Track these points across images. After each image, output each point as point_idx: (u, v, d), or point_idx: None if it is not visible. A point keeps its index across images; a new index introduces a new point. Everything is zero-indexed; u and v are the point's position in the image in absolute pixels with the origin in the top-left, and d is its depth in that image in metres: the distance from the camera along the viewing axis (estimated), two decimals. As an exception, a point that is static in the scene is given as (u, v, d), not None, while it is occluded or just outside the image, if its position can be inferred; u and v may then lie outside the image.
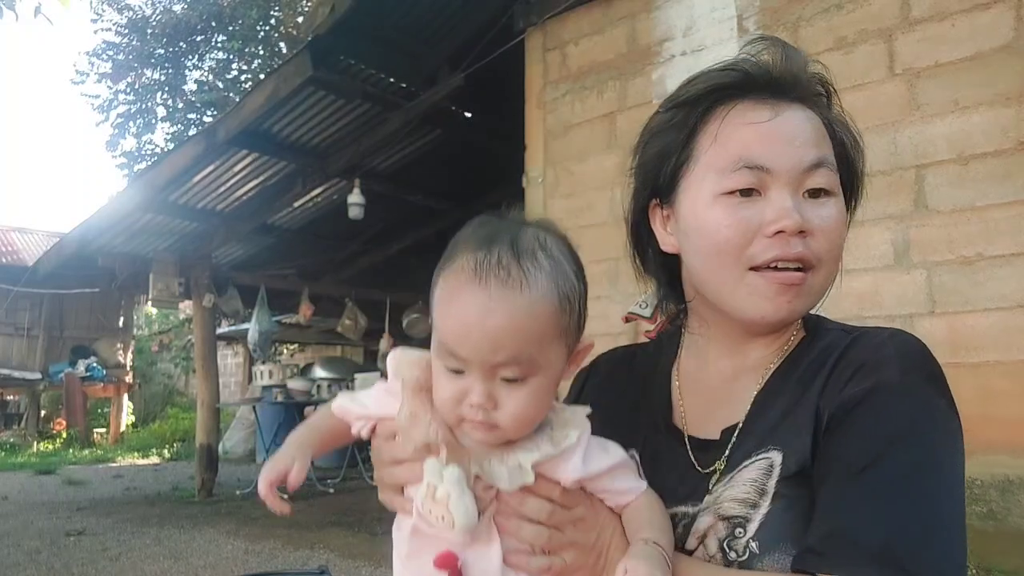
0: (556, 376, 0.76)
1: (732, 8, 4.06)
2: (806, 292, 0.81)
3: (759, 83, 0.84)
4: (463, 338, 0.70)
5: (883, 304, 3.41)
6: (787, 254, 0.78)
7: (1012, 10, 3.24)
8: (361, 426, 0.81)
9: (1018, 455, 3.08)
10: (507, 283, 0.70)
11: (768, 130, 0.81)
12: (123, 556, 5.08)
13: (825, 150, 0.82)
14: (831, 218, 0.81)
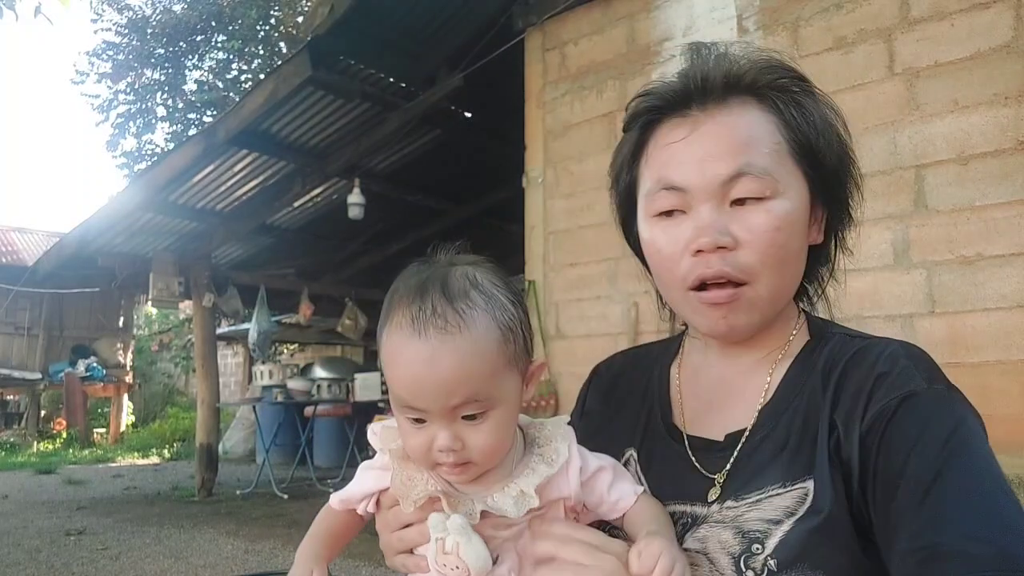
0: (515, 403, 0.77)
1: (732, 8, 4.06)
2: (745, 306, 0.80)
3: (679, 98, 0.82)
4: (417, 391, 0.72)
5: (883, 304, 3.41)
6: (707, 274, 0.78)
7: (1011, 10, 3.24)
8: (365, 504, 0.83)
9: (1018, 455, 3.08)
10: (447, 330, 0.71)
11: (682, 149, 0.80)
12: (123, 555, 5.09)
13: (750, 156, 0.78)
14: (760, 226, 0.77)
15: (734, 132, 0.79)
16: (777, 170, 0.78)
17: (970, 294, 3.24)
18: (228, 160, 6.45)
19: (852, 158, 0.86)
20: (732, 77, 0.81)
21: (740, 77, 0.81)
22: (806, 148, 0.80)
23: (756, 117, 0.80)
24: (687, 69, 0.83)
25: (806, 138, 0.80)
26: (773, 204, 0.78)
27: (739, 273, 0.78)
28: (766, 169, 0.78)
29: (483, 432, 0.73)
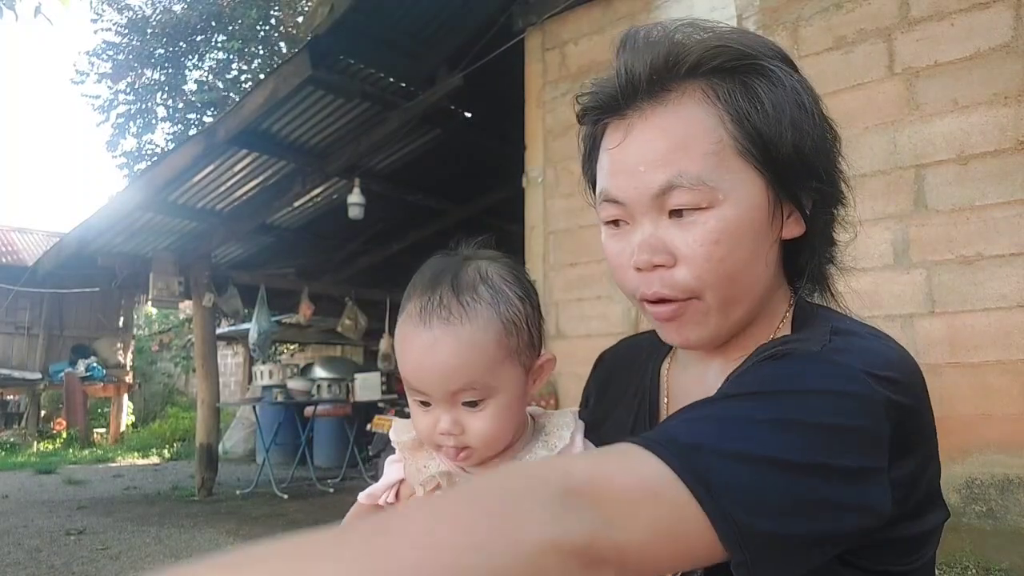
0: (516, 394, 0.79)
1: (732, 8, 4.06)
2: (695, 319, 0.74)
3: (611, 100, 0.74)
4: (421, 376, 0.77)
5: (882, 304, 3.41)
6: (646, 293, 0.74)
7: (1011, 9, 3.24)
8: (386, 496, 0.85)
9: (1017, 454, 3.08)
10: (449, 320, 0.76)
11: (616, 158, 0.74)
12: (123, 555, 5.09)
13: (682, 163, 0.69)
14: (695, 242, 0.70)
15: (666, 135, 0.71)
16: (716, 175, 0.69)
17: (970, 294, 3.24)
18: (228, 160, 6.45)
19: (829, 135, 0.76)
20: (661, 70, 0.71)
21: (673, 66, 0.71)
22: (757, 140, 0.70)
23: (694, 113, 0.71)
24: (616, 65, 0.74)
25: (756, 129, 0.70)
26: (710, 215, 0.70)
27: (677, 292, 0.72)
28: (700, 178, 0.69)
29: (482, 419, 0.77)
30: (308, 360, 12.84)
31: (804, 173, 0.73)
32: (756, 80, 0.71)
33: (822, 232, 0.78)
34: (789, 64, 0.76)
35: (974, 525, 3.11)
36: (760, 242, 0.72)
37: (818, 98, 0.77)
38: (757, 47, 0.73)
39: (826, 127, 0.76)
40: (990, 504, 3.11)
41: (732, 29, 0.75)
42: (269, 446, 8.11)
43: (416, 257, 3.59)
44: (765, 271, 0.75)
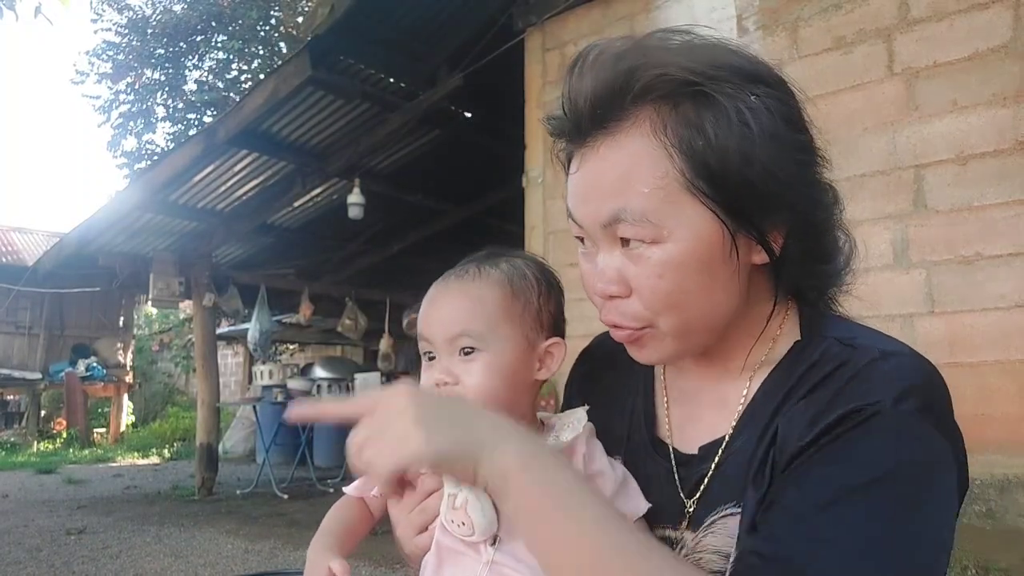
0: (514, 359, 0.81)
1: (732, 8, 4.07)
2: (652, 343, 0.75)
3: (565, 130, 0.75)
4: (426, 323, 0.83)
5: (882, 304, 3.41)
6: (604, 320, 0.76)
7: (1010, 10, 3.24)
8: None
9: (1016, 454, 3.08)
10: (462, 278, 0.84)
11: (573, 183, 0.75)
12: (123, 554, 5.09)
13: (626, 198, 0.68)
14: (641, 275, 0.70)
15: (613, 169, 0.69)
16: (660, 211, 0.68)
17: (969, 294, 3.24)
18: (228, 160, 6.45)
19: (799, 158, 0.71)
20: (604, 101, 0.69)
21: (617, 97, 0.69)
22: (703, 173, 0.67)
23: (640, 146, 0.68)
24: (562, 95, 0.74)
25: (702, 162, 0.67)
26: (655, 250, 0.69)
27: (631, 321, 0.73)
28: (643, 213, 0.68)
29: (475, 371, 0.80)
30: (308, 360, 12.84)
31: (760, 204, 0.69)
32: (702, 109, 0.67)
33: (802, 252, 0.75)
34: (752, 80, 0.69)
35: (974, 525, 3.12)
36: (713, 274, 0.70)
37: (796, 118, 0.72)
38: (708, 69, 0.68)
39: (796, 149, 0.71)
40: (989, 504, 3.12)
41: (692, 44, 0.72)
42: (269, 446, 8.12)
43: (416, 257, 3.65)
44: (726, 299, 0.73)
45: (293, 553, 5.05)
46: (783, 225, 0.72)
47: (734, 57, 0.71)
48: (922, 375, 0.68)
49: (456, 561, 0.77)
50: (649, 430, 0.85)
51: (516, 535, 0.73)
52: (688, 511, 0.77)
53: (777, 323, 0.79)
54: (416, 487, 0.80)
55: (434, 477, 0.79)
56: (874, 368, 0.68)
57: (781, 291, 0.79)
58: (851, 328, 0.77)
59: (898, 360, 0.69)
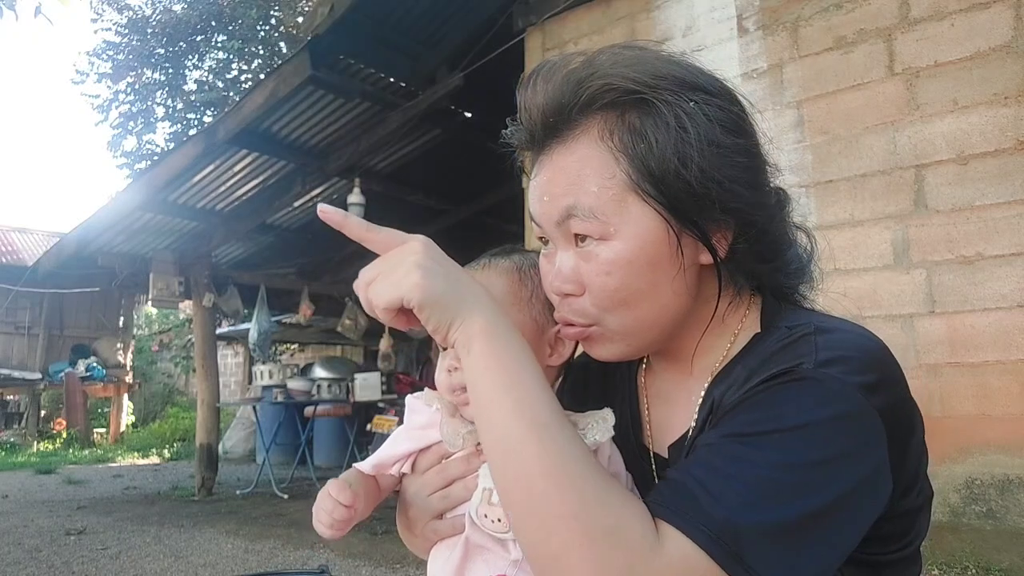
0: None
1: (732, 8, 4.06)
2: (601, 341, 0.78)
3: (524, 136, 0.81)
4: None
5: (882, 304, 3.41)
6: (558, 317, 0.80)
7: (1011, 9, 3.24)
8: (400, 466, 0.85)
9: (1017, 454, 3.08)
10: (473, 269, 0.86)
11: (532, 188, 0.80)
12: (123, 554, 5.09)
13: (576, 196, 0.73)
14: (590, 273, 0.74)
15: (565, 173, 0.74)
16: (607, 209, 0.72)
17: (970, 294, 3.24)
18: (228, 160, 6.45)
19: (742, 161, 0.74)
20: (554, 112, 0.75)
21: (565, 108, 0.74)
22: (647, 176, 0.71)
23: (590, 151, 0.73)
24: (518, 107, 0.80)
25: (644, 165, 0.71)
26: (603, 247, 0.73)
27: (581, 319, 0.77)
28: (592, 210, 0.72)
29: None
30: (308, 360, 12.84)
31: (700, 205, 0.72)
32: (644, 116, 0.72)
33: (749, 253, 0.77)
34: (692, 88, 0.73)
35: (974, 525, 3.12)
36: (659, 273, 0.73)
37: (738, 125, 0.75)
38: (648, 79, 0.72)
39: (736, 153, 0.73)
40: (990, 504, 3.11)
41: (638, 57, 0.75)
42: (269, 446, 8.11)
43: (416, 257, 3.47)
44: (674, 298, 0.75)
45: (293, 553, 5.04)
46: (727, 226, 0.75)
47: (676, 68, 0.75)
48: (858, 349, 0.70)
49: (483, 557, 0.76)
50: (636, 436, 0.87)
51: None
52: None
53: (738, 319, 0.81)
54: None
55: (460, 465, 0.80)
56: (807, 339, 0.71)
57: (733, 289, 0.81)
58: (809, 317, 0.79)
59: (835, 335, 0.71)
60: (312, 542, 5.36)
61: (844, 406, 0.65)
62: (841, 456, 0.63)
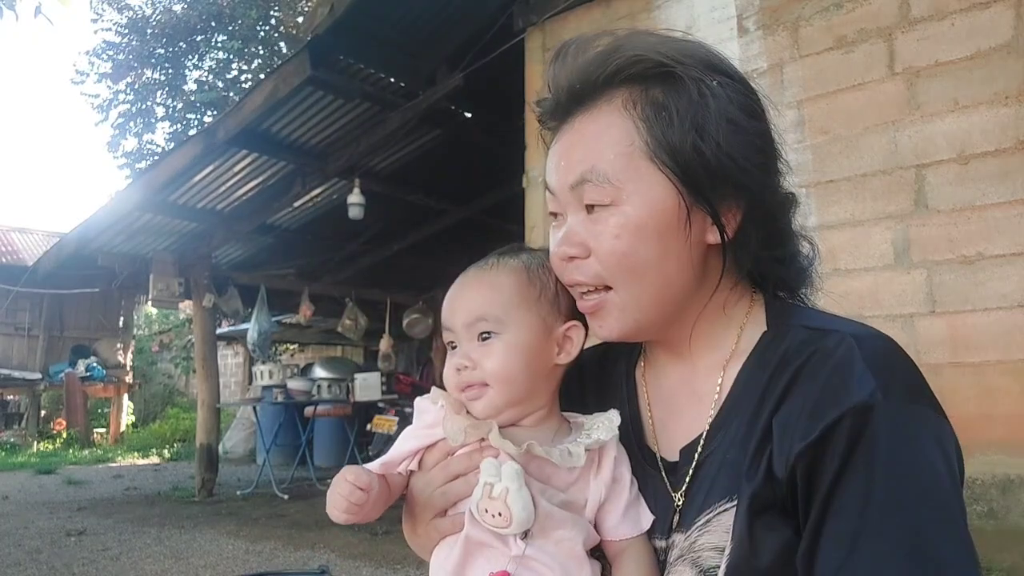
0: (530, 341, 0.82)
1: (732, 8, 4.06)
2: (612, 312, 0.79)
3: (550, 113, 0.83)
4: (447, 312, 0.85)
5: (883, 304, 3.41)
6: (567, 281, 0.81)
7: (1011, 9, 3.24)
8: (407, 463, 0.85)
9: (1018, 454, 3.08)
10: (482, 268, 0.87)
11: (552, 153, 0.82)
12: (123, 556, 5.09)
13: (594, 161, 0.75)
14: (600, 235, 0.76)
15: (583, 138, 0.77)
16: (622, 175, 0.74)
17: (970, 294, 3.24)
18: (228, 160, 6.45)
19: (758, 144, 0.77)
20: (584, 81, 0.77)
21: (594, 77, 0.77)
22: (665, 146, 0.74)
23: (611, 118, 0.76)
24: (547, 79, 0.82)
25: (663, 135, 0.74)
26: (614, 211, 0.75)
27: (591, 280, 0.78)
28: (607, 175, 0.74)
29: (491, 354, 0.81)
30: (308, 360, 12.84)
31: (714, 179, 0.74)
32: (668, 89, 0.74)
33: (755, 237, 0.78)
34: (716, 71, 0.76)
35: (975, 525, 3.11)
36: (667, 242, 0.75)
37: (755, 110, 0.78)
38: (678, 55, 0.75)
39: (754, 135, 0.76)
40: (991, 504, 3.11)
41: (666, 38, 0.79)
42: (269, 446, 8.11)
43: (416, 257, 3.63)
44: (679, 271, 0.77)
45: (294, 554, 5.04)
46: (738, 207, 0.76)
47: (701, 50, 0.78)
48: (895, 356, 0.72)
49: (483, 554, 0.76)
50: (637, 438, 0.86)
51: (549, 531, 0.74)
52: (675, 514, 0.78)
53: (743, 312, 0.82)
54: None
55: (462, 461, 0.80)
56: (852, 356, 0.70)
57: (737, 276, 0.81)
58: (815, 315, 0.81)
59: (871, 344, 0.72)
60: (312, 543, 5.36)
61: (946, 437, 0.69)
62: (948, 487, 0.66)
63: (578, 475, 0.79)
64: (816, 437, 0.67)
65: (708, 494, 0.75)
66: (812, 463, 0.67)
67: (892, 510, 0.64)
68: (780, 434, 0.70)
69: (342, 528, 5.88)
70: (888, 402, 0.67)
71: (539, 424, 0.83)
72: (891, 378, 0.69)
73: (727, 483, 0.73)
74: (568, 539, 0.76)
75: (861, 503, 0.64)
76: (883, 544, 0.63)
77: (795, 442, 0.68)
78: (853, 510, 0.65)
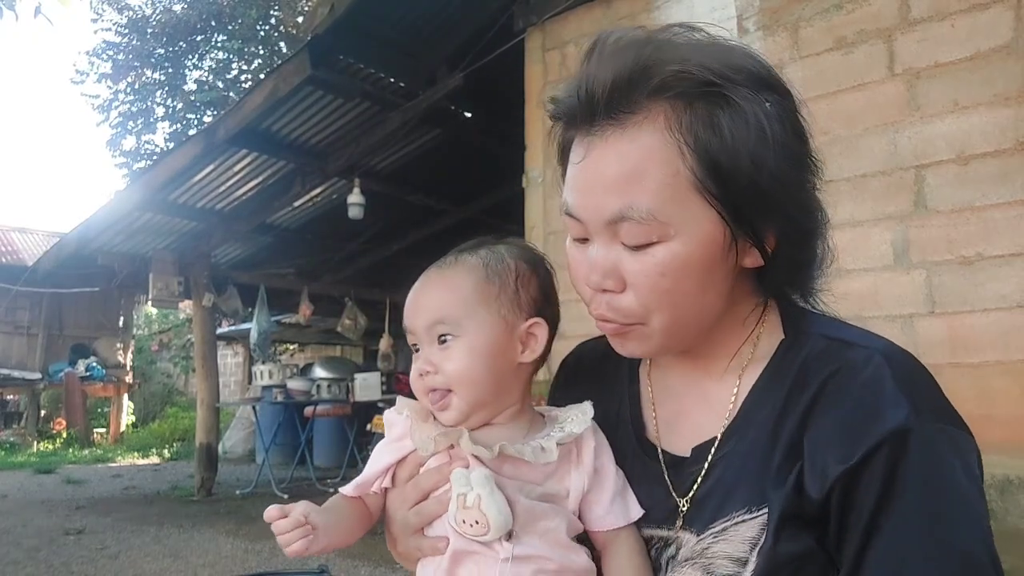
0: (490, 341, 0.80)
1: (732, 8, 4.06)
2: (638, 339, 0.75)
3: (573, 115, 0.73)
4: (408, 312, 0.84)
5: (882, 304, 3.41)
6: (594, 313, 0.76)
7: (1011, 10, 3.24)
8: (380, 481, 0.84)
9: (1017, 455, 3.08)
10: (440, 267, 0.85)
11: (577, 174, 0.73)
12: (122, 555, 5.09)
13: (634, 195, 0.68)
14: (642, 272, 0.70)
15: (621, 164, 0.69)
16: (668, 209, 0.68)
17: (970, 294, 3.24)
18: (228, 160, 6.45)
19: (801, 165, 0.73)
20: (622, 89, 0.69)
21: (634, 88, 0.68)
22: (714, 174, 0.68)
23: (653, 141, 0.68)
24: (577, 79, 0.72)
25: (714, 162, 0.67)
26: (659, 249, 0.69)
27: (621, 317, 0.74)
28: (651, 212, 0.68)
29: (452, 357, 0.80)
30: (308, 360, 12.84)
31: (763, 208, 0.70)
32: (719, 110, 0.67)
33: (790, 258, 0.76)
34: (766, 87, 0.71)
35: (974, 526, 3.11)
36: (711, 275, 0.72)
37: (804, 130, 0.74)
38: (727, 71, 0.68)
39: (799, 159, 0.72)
40: (990, 505, 3.09)
41: (710, 44, 0.73)
42: (269, 446, 8.11)
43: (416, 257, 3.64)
44: (716, 300, 0.74)
45: (292, 553, 5.03)
46: (776, 230, 0.73)
47: (750, 61, 0.71)
48: (921, 375, 0.72)
49: (473, 562, 0.76)
50: (637, 432, 0.86)
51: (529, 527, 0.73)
52: (682, 511, 0.78)
53: (757, 318, 0.80)
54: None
55: (432, 476, 0.79)
56: (882, 374, 0.70)
57: (765, 293, 0.80)
58: (832, 324, 0.79)
59: (899, 362, 0.71)
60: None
61: (973, 455, 0.69)
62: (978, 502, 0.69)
63: (555, 467, 0.79)
64: (856, 463, 0.67)
65: (725, 500, 0.75)
66: (850, 487, 0.67)
67: (935, 532, 0.65)
68: (812, 452, 0.70)
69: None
70: (922, 425, 0.67)
71: (510, 421, 0.83)
72: (921, 399, 0.69)
73: (747, 494, 0.73)
74: (553, 528, 0.76)
75: (904, 527, 0.65)
76: (930, 568, 0.64)
77: (832, 464, 0.68)
78: (897, 535, 0.65)
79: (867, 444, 0.67)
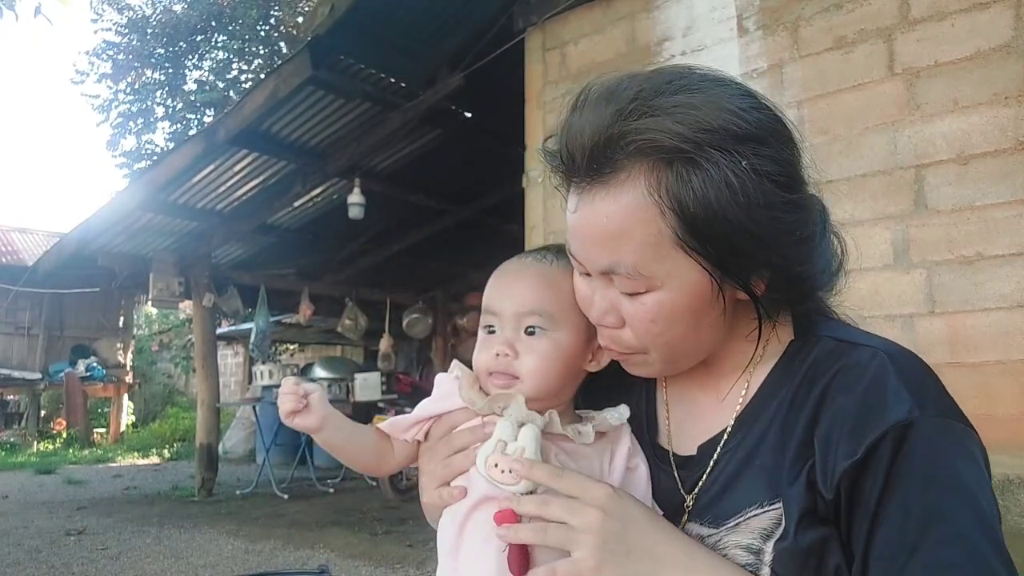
0: (572, 344, 0.84)
1: (732, 8, 4.06)
2: (644, 363, 0.82)
3: (563, 168, 0.77)
4: (499, 297, 0.85)
5: (883, 304, 3.41)
6: (600, 341, 0.83)
7: (1011, 9, 3.24)
8: (416, 431, 0.88)
9: (1017, 454, 3.08)
10: (540, 260, 0.88)
11: (572, 224, 0.78)
12: (123, 555, 5.09)
13: (620, 253, 0.72)
14: (635, 316, 0.76)
15: (608, 223, 0.72)
16: (651, 266, 0.72)
17: (970, 294, 3.24)
18: (228, 160, 6.45)
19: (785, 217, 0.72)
20: (599, 154, 0.71)
21: (612, 150, 0.71)
22: (693, 232, 0.70)
23: (634, 203, 0.70)
24: (562, 134, 0.77)
25: (691, 222, 0.70)
26: (649, 298, 0.74)
27: (624, 350, 0.80)
28: (636, 268, 0.72)
29: (536, 349, 0.82)
30: (308, 360, 12.85)
31: (745, 261, 0.73)
32: (692, 173, 0.69)
33: (784, 295, 0.79)
34: (747, 139, 0.70)
35: (974, 525, 3.11)
36: (701, 316, 0.76)
37: (790, 178, 0.74)
38: (698, 135, 0.68)
39: (785, 206, 0.72)
40: (990, 504, 3.11)
41: (692, 99, 0.71)
42: (269, 446, 8.11)
43: (416, 257, 3.65)
44: (711, 332, 0.79)
45: (294, 553, 5.04)
46: (763, 276, 0.76)
47: (728, 117, 0.70)
48: (925, 372, 0.76)
49: (489, 507, 0.78)
50: (651, 436, 0.89)
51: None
52: (687, 506, 0.82)
53: (769, 324, 0.83)
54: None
55: (465, 435, 0.83)
56: (886, 371, 0.74)
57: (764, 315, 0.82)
58: (842, 328, 0.85)
59: (902, 360, 0.75)
60: (312, 542, 5.36)
61: (977, 449, 0.74)
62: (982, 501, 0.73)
63: (589, 459, 0.82)
64: (861, 457, 0.70)
65: (731, 493, 0.78)
66: (856, 480, 0.70)
67: (937, 522, 0.68)
68: (823, 449, 0.73)
69: (342, 528, 5.88)
70: (925, 418, 0.70)
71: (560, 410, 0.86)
72: (924, 395, 0.72)
73: (761, 489, 0.76)
74: None
75: (906, 517, 0.68)
76: (933, 556, 0.66)
77: (839, 460, 0.71)
78: (900, 524, 0.68)
79: (870, 438, 0.70)
